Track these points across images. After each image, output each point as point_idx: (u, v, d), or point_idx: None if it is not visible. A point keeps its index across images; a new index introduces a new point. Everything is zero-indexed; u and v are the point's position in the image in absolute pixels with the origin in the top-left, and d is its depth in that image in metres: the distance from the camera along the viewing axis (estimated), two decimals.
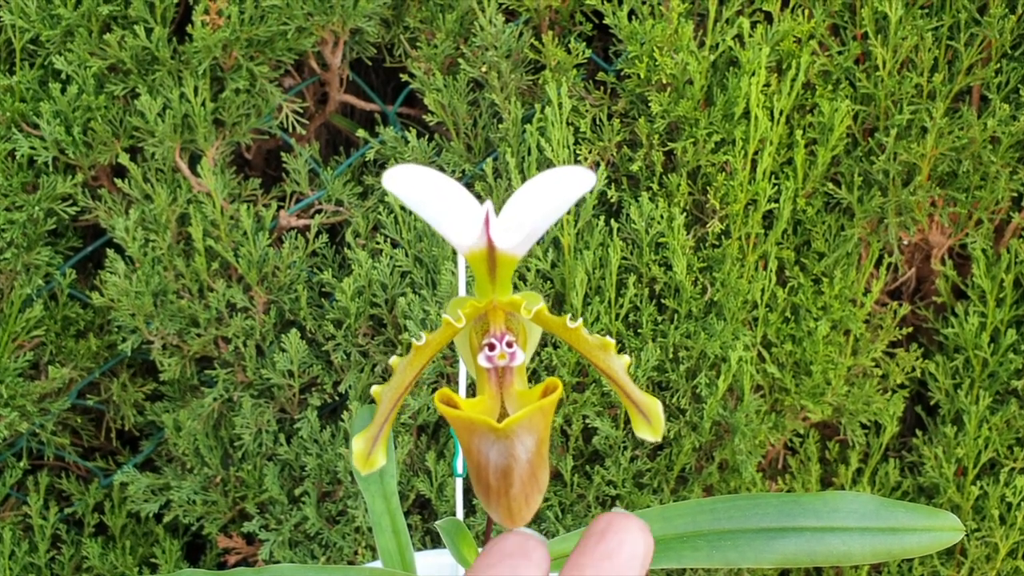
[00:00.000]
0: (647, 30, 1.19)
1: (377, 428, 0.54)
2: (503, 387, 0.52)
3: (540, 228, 0.46)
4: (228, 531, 1.33)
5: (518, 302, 0.51)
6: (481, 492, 0.52)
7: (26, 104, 1.22)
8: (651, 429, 0.55)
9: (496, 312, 0.52)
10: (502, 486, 0.51)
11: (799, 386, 1.27)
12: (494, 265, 0.48)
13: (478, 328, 0.53)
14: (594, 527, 0.50)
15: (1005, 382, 1.32)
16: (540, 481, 0.52)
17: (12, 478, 1.31)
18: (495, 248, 0.46)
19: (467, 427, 0.51)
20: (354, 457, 0.54)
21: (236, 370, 1.28)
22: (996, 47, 1.27)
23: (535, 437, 0.50)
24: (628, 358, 0.54)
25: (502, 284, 0.50)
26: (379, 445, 0.55)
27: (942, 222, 1.33)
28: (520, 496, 0.51)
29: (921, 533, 0.69)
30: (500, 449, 0.50)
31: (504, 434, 0.50)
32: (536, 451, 0.51)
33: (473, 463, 0.51)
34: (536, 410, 0.50)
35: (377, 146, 1.29)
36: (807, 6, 1.26)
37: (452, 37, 1.27)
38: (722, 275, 1.21)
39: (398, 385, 0.54)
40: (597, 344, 0.53)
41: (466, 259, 0.48)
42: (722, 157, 1.21)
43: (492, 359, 0.51)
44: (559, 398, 0.52)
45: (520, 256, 0.48)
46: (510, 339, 0.52)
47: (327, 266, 1.28)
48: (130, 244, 1.24)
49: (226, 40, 1.21)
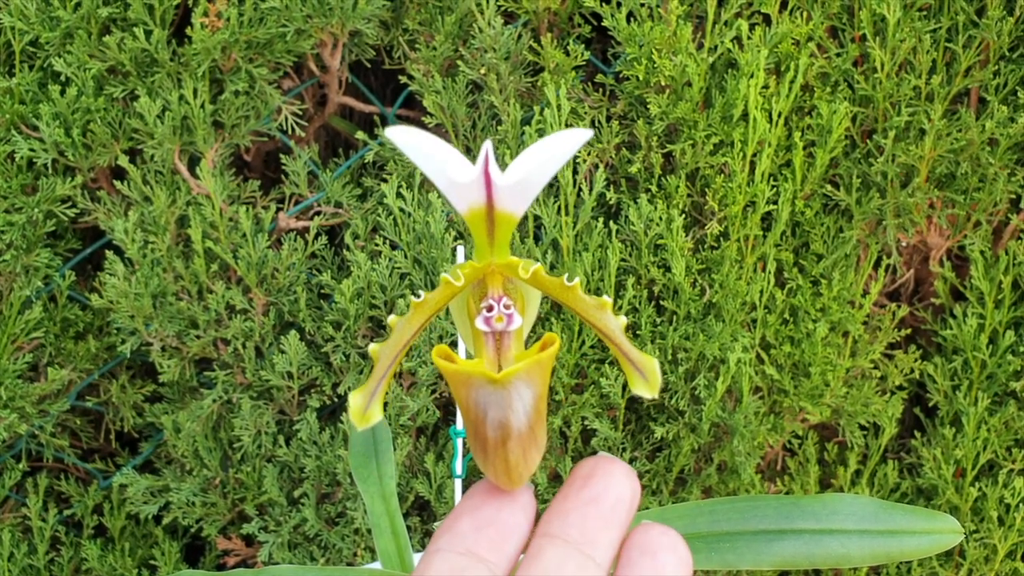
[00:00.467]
0: (646, 32, 1.19)
1: (375, 383, 0.55)
2: (500, 352, 0.52)
3: (538, 181, 0.46)
4: (227, 533, 1.33)
5: (515, 263, 0.52)
6: (478, 449, 0.52)
7: (25, 106, 1.23)
8: (648, 386, 0.56)
9: (494, 276, 0.52)
10: (499, 438, 0.51)
11: (798, 388, 1.28)
12: (493, 225, 0.49)
13: (476, 293, 0.53)
14: (579, 471, 0.50)
15: (1004, 383, 1.32)
16: (538, 439, 0.52)
17: (11, 480, 1.31)
18: (494, 199, 0.47)
19: (464, 381, 0.51)
20: (351, 412, 0.54)
21: (235, 372, 1.28)
22: (994, 49, 1.27)
23: (533, 391, 0.51)
24: (625, 318, 0.54)
25: (500, 246, 0.51)
26: (376, 401, 0.55)
27: (940, 224, 1.33)
28: (518, 450, 0.51)
29: (920, 536, 0.69)
30: (498, 401, 0.50)
31: (502, 384, 0.50)
32: (534, 406, 0.51)
33: (470, 419, 0.51)
34: (534, 363, 0.50)
35: (376, 148, 1.29)
36: (805, 8, 1.26)
37: (451, 39, 1.27)
38: (721, 277, 1.22)
39: (396, 342, 0.54)
40: (594, 304, 0.53)
41: (465, 220, 0.49)
42: (721, 159, 1.21)
43: (490, 321, 0.52)
44: (557, 352, 0.52)
45: (518, 213, 0.48)
46: (508, 302, 0.52)
47: (326, 268, 1.28)
48: (129, 246, 1.24)
49: (225, 42, 1.21)
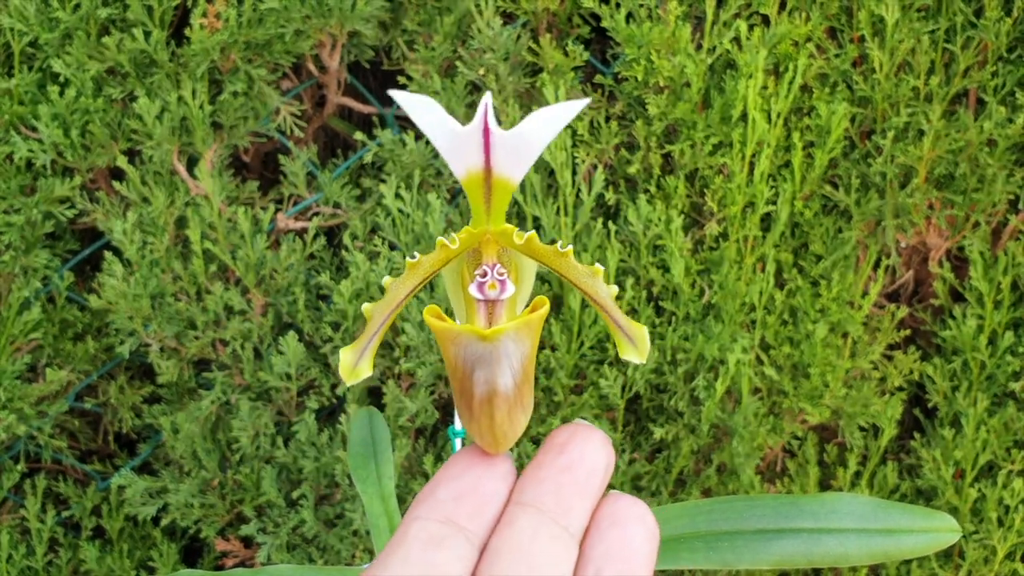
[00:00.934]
0: (645, 33, 1.19)
1: (366, 340, 0.56)
2: (492, 321, 0.53)
3: (536, 141, 0.48)
4: (226, 534, 1.33)
5: (510, 230, 0.53)
6: (464, 407, 0.53)
7: (24, 107, 1.23)
8: (636, 351, 0.57)
9: (489, 244, 0.54)
10: (486, 396, 0.52)
11: (797, 388, 1.27)
12: (490, 191, 0.50)
13: (470, 263, 0.54)
14: (554, 439, 0.50)
15: (1003, 384, 1.32)
16: (525, 400, 0.53)
17: (10, 481, 1.31)
18: (492, 161, 0.48)
19: (453, 338, 0.52)
20: (341, 367, 0.55)
21: (234, 373, 1.28)
22: (992, 50, 1.27)
23: (522, 351, 0.52)
24: (616, 287, 0.55)
25: (496, 213, 0.52)
26: (365, 358, 0.56)
27: (939, 224, 1.33)
28: (504, 408, 0.52)
29: (918, 534, 0.70)
30: (486, 357, 0.51)
31: (491, 340, 0.51)
32: (522, 365, 0.52)
33: (457, 376, 0.52)
34: (523, 323, 0.51)
35: (375, 148, 1.29)
36: (804, 9, 1.27)
37: (450, 40, 1.27)
38: (720, 277, 1.22)
39: (390, 301, 0.55)
40: (587, 271, 0.55)
41: (463, 184, 0.50)
42: (720, 159, 1.21)
43: (483, 288, 0.53)
44: (546, 314, 0.53)
45: (515, 179, 0.49)
46: (501, 270, 0.53)
47: (325, 268, 1.28)
48: (128, 247, 1.24)
49: (224, 43, 1.21)
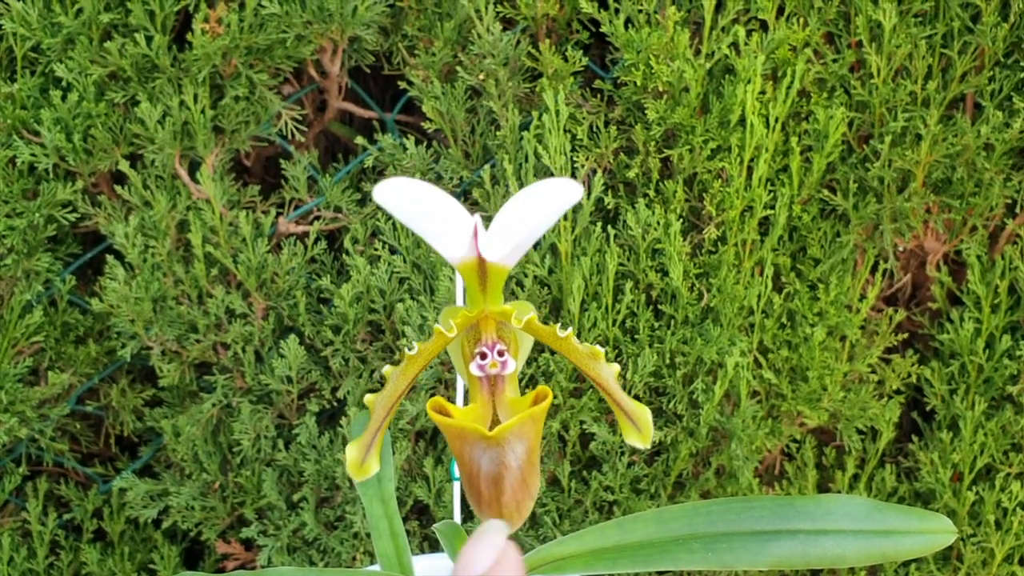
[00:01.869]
0: (643, 38, 1.20)
1: (370, 436, 0.55)
2: (495, 395, 0.53)
3: (528, 240, 0.47)
4: (226, 537, 1.33)
5: (508, 312, 0.52)
6: (473, 499, 0.53)
7: (27, 111, 1.23)
8: (640, 437, 0.56)
9: (488, 321, 0.52)
10: (493, 493, 0.51)
11: (795, 392, 1.28)
12: (485, 275, 0.49)
13: (470, 337, 0.53)
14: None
15: (1000, 388, 1.32)
16: (531, 488, 0.53)
17: (11, 484, 1.32)
18: (485, 260, 0.47)
19: (458, 435, 0.51)
20: (348, 465, 0.54)
21: (235, 376, 1.29)
22: (989, 55, 1.28)
23: (526, 445, 0.51)
24: (617, 366, 0.54)
25: (493, 294, 0.51)
26: (372, 452, 0.55)
27: (937, 228, 1.34)
28: (511, 503, 0.51)
29: (914, 535, 0.70)
30: (491, 457, 0.50)
31: (495, 442, 0.50)
32: (527, 459, 0.51)
33: (465, 471, 0.52)
34: (527, 418, 0.51)
35: (376, 153, 1.30)
36: (802, 14, 1.27)
37: (450, 45, 1.28)
38: (718, 281, 1.22)
39: (391, 394, 0.54)
40: (587, 353, 0.54)
41: (458, 270, 0.49)
42: (718, 164, 1.22)
43: (484, 367, 0.52)
44: (549, 406, 0.52)
45: (510, 266, 0.48)
46: (501, 348, 0.52)
47: (326, 272, 1.29)
48: (130, 250, 1.24)
49: (226, 48, 1.21)
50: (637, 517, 0.74)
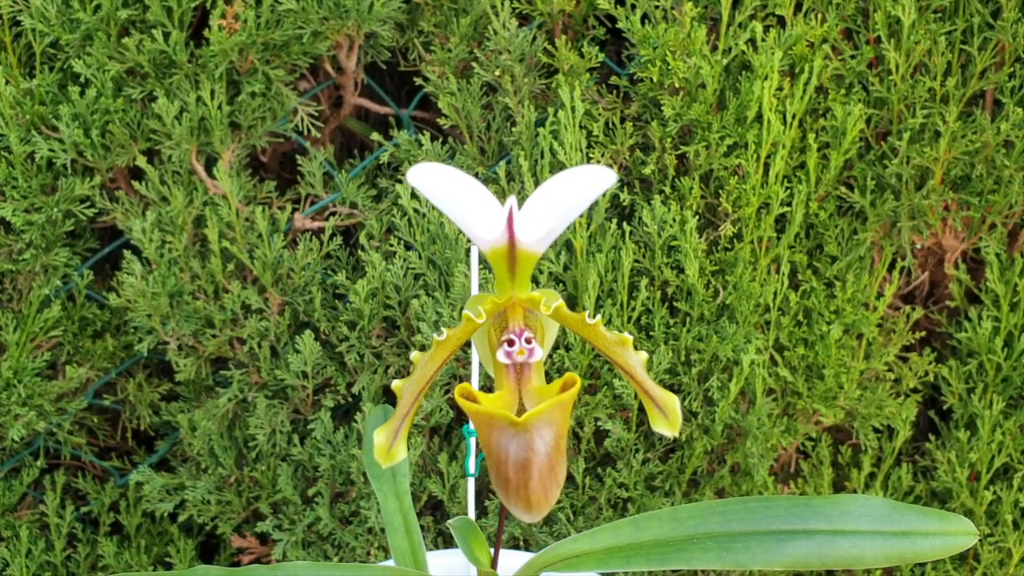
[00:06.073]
0: (660, 34, 1.19)
1: (398, 421, 0.55)
2: (521, 383, 0.53)
3: (560, 224, 0.47)
4: (242, 531, 1.34)
5: (537, 299, 0.52)
6: (500, 485, 0.52)
7: (46, 107, 1.24)
8: (668, 424, 0.56)
9: (515, 309, 0.52)
10: (521, 479, 0.51)
11: (811, 390, 1.27)
12: (514, 262, 0.49)
13: (497, 325, 0.53)
14: None
15: (1019, 387, 1.32)
16: (558, 474, 0.53)
17: (29, 477, 1.33)
18: (516, 244, 0.47)
19: (487, 421, 0.51)
20: (375, 450, 0.54)
21: (251, 371, 1.29)
22: (1010, 51, 1.27)
23: (554, 431, 0.51)
24: (645, 354, 0.54)
25: (521, 281, 0.51)
26: (400, 438, 0.56)
27: (955, 226, 1.33)
28: (539, 489, 0.52)
29: (934, 537, 0.69)
30: (520, 443, 0.50)
31: (524, 428, 0.50)
32: (555, 445, 0.51)
33: (493, 457, 0.52)
34: (555, 404, 0.51)
35: (391, 149, 1.30)
36: (820, 10, 1.26)
37: (466, 41, 1.28)
38: (734, 278, 1.22)
39: (420, 379, 0.54)
40: (615, 340, 0.54)
41: (487, 256, 0.49)
42: (735, 161, 1.21)
43: (511, 355, 0.52)
44: (578, 393, 0.52)
45: (540, 253, 0.49)
46: (529, 335, 0.52)
47: (341, 268, 1.29)
48: (147, 246, 1.25)
49: (242, 44, 1.22)
50: (651, 515, 0.74)
